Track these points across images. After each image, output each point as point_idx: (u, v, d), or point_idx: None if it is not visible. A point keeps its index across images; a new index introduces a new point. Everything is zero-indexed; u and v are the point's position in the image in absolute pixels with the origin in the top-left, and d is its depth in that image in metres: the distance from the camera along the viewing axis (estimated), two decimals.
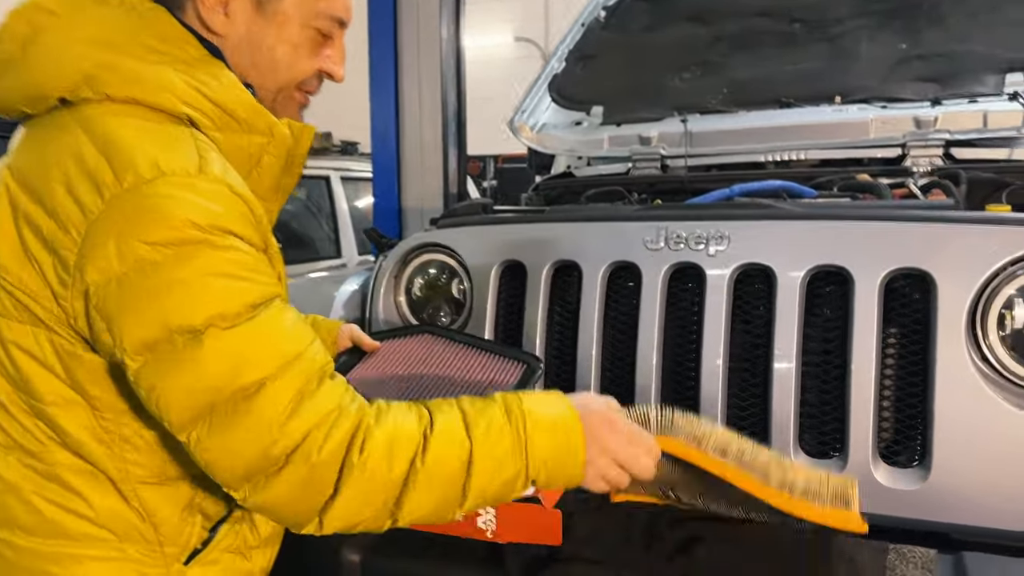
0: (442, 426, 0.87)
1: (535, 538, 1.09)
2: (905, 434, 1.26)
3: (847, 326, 1.28)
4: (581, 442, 0.91)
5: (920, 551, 1.10)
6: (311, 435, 0.82)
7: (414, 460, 0.84)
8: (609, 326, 1.44)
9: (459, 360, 1.34)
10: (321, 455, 0.81)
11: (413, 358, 1.35)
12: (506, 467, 0.88)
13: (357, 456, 0.82)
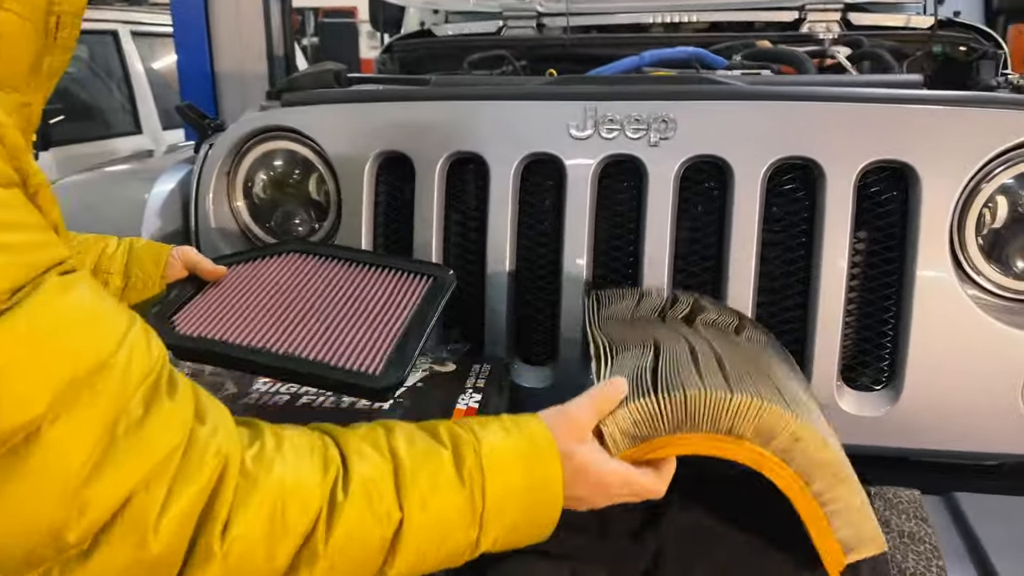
0: (361, 484, 0.56)
1: None
2: (872, 353, 1.09)
3: (812, 230, 1.07)
4: (558, 499, 0.65)
5: (905, 494, 0.95)
6: (132, 503, 0.49)
7: (310, 540, 0.54)
8: (524, 237, 1.14)
9: (341, 282, 1.00)
10: (157, 536, 0.49)
11: (275, 285, 0.99)
12: (450, 540, 0.61)
13: (217, 538, 0.51)
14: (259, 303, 0.96)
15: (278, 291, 0.98)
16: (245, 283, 1.00)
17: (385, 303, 0.97)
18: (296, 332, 0.91)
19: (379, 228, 1.19)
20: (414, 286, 1.01)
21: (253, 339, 0.89)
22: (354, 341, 0.90)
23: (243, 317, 0.93)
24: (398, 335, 0.91)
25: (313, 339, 0.90)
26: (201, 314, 0.94)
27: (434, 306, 0.97)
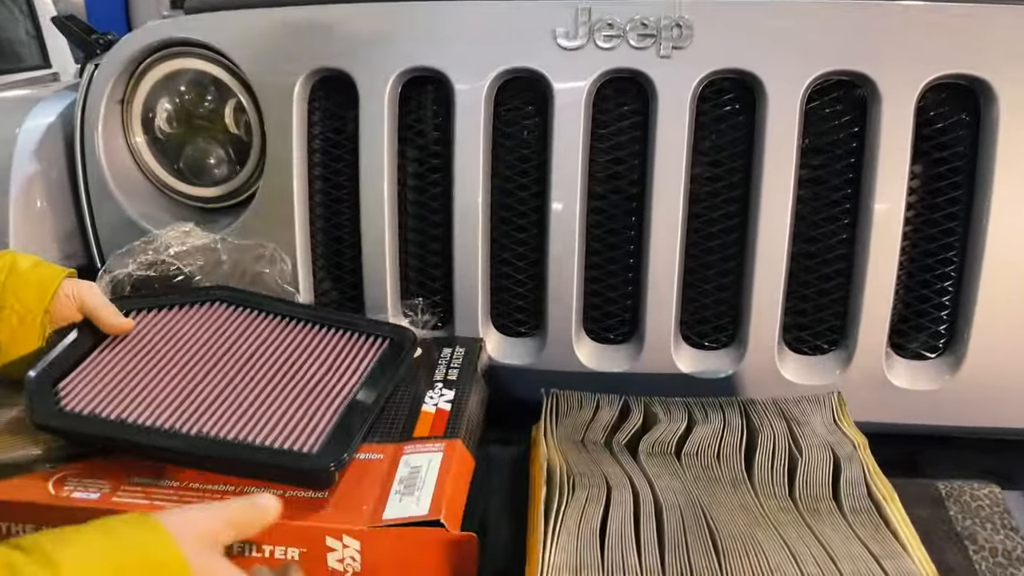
0: None
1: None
2: (928, 315, 0.89)
3: (862, 164, 0.86)
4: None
5: (983, 493, 0.77)
6: None
7: None
8: (500, 178, 0.91)
9: (277, 343, 0.80)
10: None
11: (193, 345, 0.78)
12: None
13: None
14: (172, 369, 0.74)
15: (197, 354, 0.77)
16: (156, 341, 0.78)
17: (329, 369, 0.77)
18: (217, 407, 0.70)
19: (315, 170, 0.94)
20: (365, 349, 0.81)
21: (162, 418, 0.68)
22: (287, 415, 0.70)
23: (150, 389, 0.71)
24: (342, 407, 0.71)
25: (237, 415, 0.69)
26: (97, 382, 0.72)
27: (389, 374, 0.77)
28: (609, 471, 0.67)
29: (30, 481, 0.65)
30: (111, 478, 0.65)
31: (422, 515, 0.61)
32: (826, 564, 0.59)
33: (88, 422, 0.66)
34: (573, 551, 0.59)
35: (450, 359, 0.84)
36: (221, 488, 0.65)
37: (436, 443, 0.70)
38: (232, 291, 0.85)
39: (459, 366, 0.82)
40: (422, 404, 0.76)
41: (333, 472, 0.63)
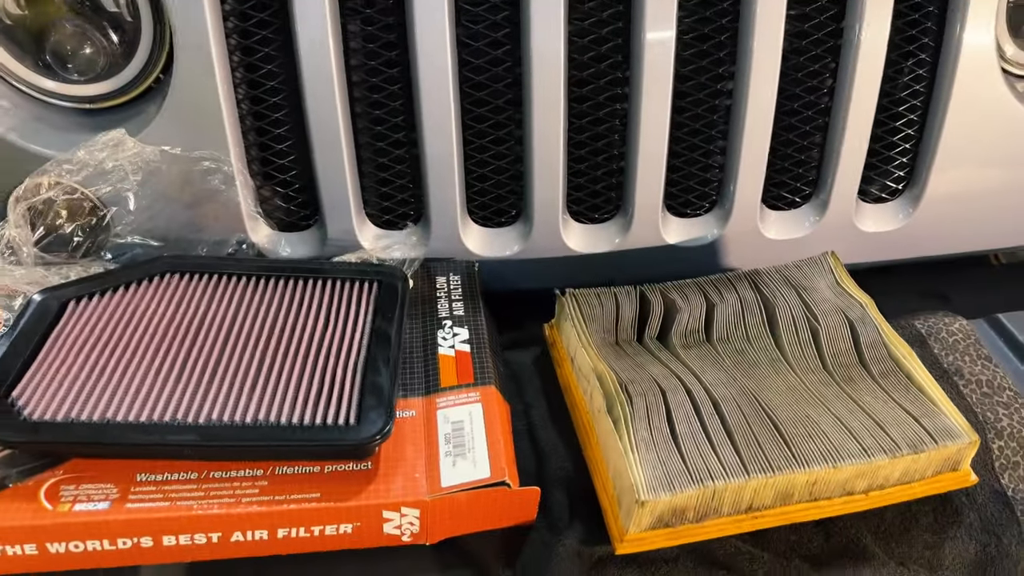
0: None
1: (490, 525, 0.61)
2: (889, 157, 0.90)
3: None
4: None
5: (955, 327, 0.82)
6: None
7: None
8: (467, 49, 0.78)
9: (254, 309, 0.69)
10: None
11: (158, 325, 0.66)
12: None
13: None
14: (147, 357, 0.63)
15: (169, 335, 0.65)
16: (113, 329, 0.65)
17: (327, 327, 0.67)
18: (221, 391, 0.60)
19: (237, 54, 0.77)
20: (356, 297, 0.71)
21: (158, 411, 0.58)
22: (304, 387, 0.61)
23: (129, 382, 0.60)
24: (359, 366, 0.63)
25: (247, 396, 0.60)
26: (60, 385, 0.59)
27: (392, 320, 0.68)
28: (655, 372, 0.66)
29: (16, 500, 0.55)
30: (113, 480, 0.57)
31: (484, 479, 0.58)
32: (878, 434, 0.62)
33: (70, 430, 0.56)
34: (658, 463, 0.58)
35: (449, 291, 0.77)
36: (249, 474, 0.58)
37: (469, 392, 0.65)
38: (177, 259, 0.72)
39: (461, 298, 0.75)
40: (437, 348, 0.70)
41: (380, 442, 0.57)
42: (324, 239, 0.83)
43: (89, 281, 0.69)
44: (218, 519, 0.55)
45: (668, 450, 0.59)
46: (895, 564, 0.61)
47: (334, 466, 0.59)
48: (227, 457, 0.58)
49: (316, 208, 0.83)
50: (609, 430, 0.60)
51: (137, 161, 0.75)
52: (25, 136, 0.77)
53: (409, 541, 0.59)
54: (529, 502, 0.60)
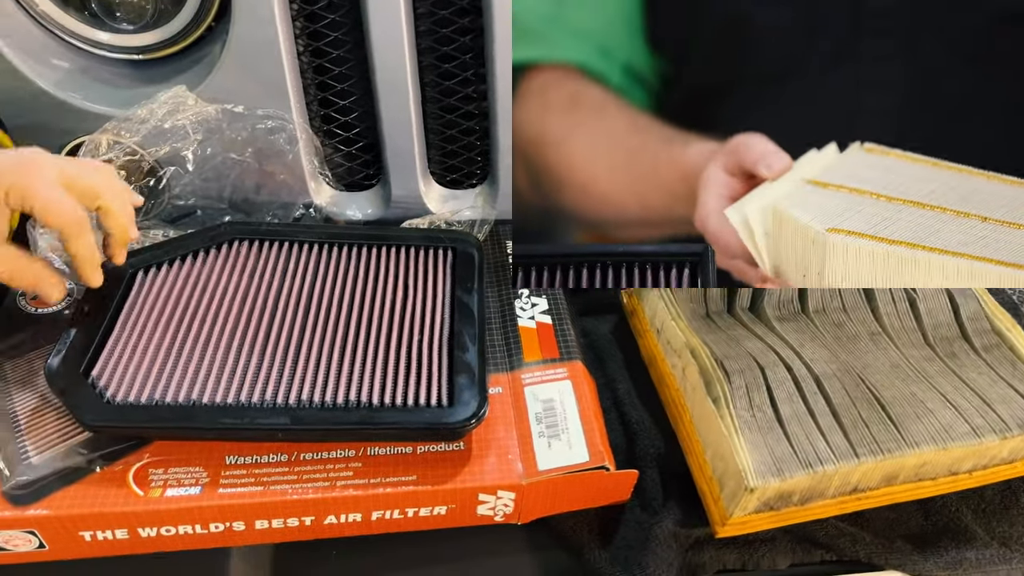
0: None
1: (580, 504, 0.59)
2: None
3: None
4: None
5: None
6: None
7: None
8: None
9: (330, 279, 0.66)
10: None
11: (230, 297, 0.63)
12: None
13: None
14: (223, 334, 0.60)
15: (245, 310, 0.62)
16: (185, 303, 0.62)
17: (406, 299, 0.64)
18: (305, 369, 0.58)
19: (296, 4, 0.72)
20: (432, 266, 0.68)
21: (244, 392, 0.56)
22: (391, 364, 0.58)
23: (210, 360, 0.58)
24: (444, 341, 0.61)
25: (334, 375, 0.57)
26: (138, 364, 0.57)
27: (472, 290, 0.65)
28: (751, 347, 0.63)
29: (106, 485, 0.54)
30: (202, 463, 0.55)
31: (583, 463, 0.56)
32: (986, 412, 0.59)
33: (157, 413, 0.54)
34: (764, 446, 0.56)
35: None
36: (342, 455, 0.56)
37: (556, 368, 0.63)
38: (244, 225, 0.69)
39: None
40: (516, 319, 0.67)
41: (476, 425, 0.55)
42: (388, 199, 0.79)
43: (155, 250, 0.66)
44: (313, 503, 0.54)
45: (774, 433, 0.57)
46: (997, 544, 0.59)
47: (426, 447, 0.57)
48: (320, 439, 0.56)
49: (380, 167, 0.79)
50: (708, 410, 0.58)
51: (197, 120, 0.71)
52: (79, 93, 0.73)
53: (501, 521, 0.58)
54: (625, 484, 0.58)
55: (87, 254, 0.56)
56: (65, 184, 0.54)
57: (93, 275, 0.57)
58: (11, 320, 0.65)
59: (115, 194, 0.57)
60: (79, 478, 0.54)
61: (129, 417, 0.54)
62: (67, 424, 0.56)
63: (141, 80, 0.75)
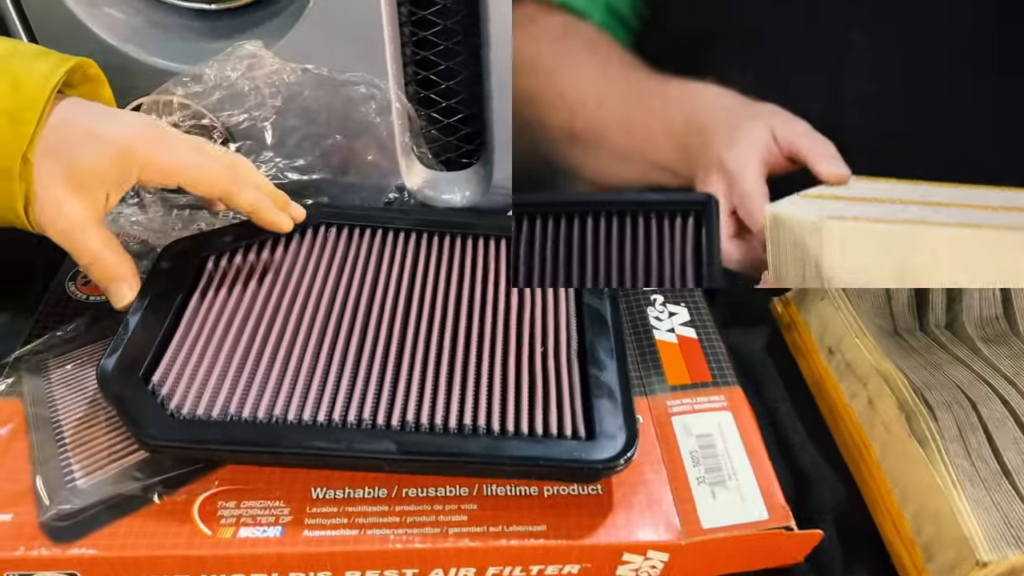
0: None
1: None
2: None
3: None
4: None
5: None
6: None
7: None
8: None
9: (439, 282, 0.55)
10: None
11: (319, 292, 0.53)
12: None
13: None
14: (309, 338, 0.49)
15: (331, 306, 0.52)
16: (265, 296, 0.52)
17: (523, 303, 0.53)
18: (409, 386, 0.47)
19: None
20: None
21: (337, 410, 0.45)
22: (512, 384, 0.47)
23: (294, 370, 0.47)
24: (574, 357, 0.50)
25: (444, 395, 0.46)
26: (207, 370, 0.47)
27: (603, 294, 0.54)
28: (955, 375, 0.51)
29: (167, 520, 0.43)
30: (283, 496, 0.45)
31: (761, 522, 0.44)
32: None
33: (233, 432, 0.43)
34: (991, 505, 0.44)
35: None
36: (454, 493, 0.45)
37: (711, 395, 0.51)
38: (332, 208, 0.59)
39: None
40: (653, 331, 0.56)
41: (624, 467, 0.44)
42: (488, 182, 0.68)
43: (227, 233, 0.55)
44: (420, 555, 0.43)
45: (1002, 489, 0.45)
46: None
47: (555, 488, 0.46)
48: (433, 471, 0.45)
49: (481, 144, 0.68)
50: (912, 453, 0.46)
51: (276, 82, 0.61)
52: (144, 47, 0.63)
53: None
54: (803, 546, 0.46)
55: (257, 201, 0.50)
56: (197, 151, 0.49)
57: (279, 217, 0.52)
58: (58, 307, 0.55)
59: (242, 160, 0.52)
60: (133, 509, 0.44)
61: (198, 435, 0.43)
62: (121, 440, 0.46)
63: (212, 34, 0.64)
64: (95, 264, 0.47)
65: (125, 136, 0.46)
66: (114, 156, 0.45)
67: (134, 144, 0.46)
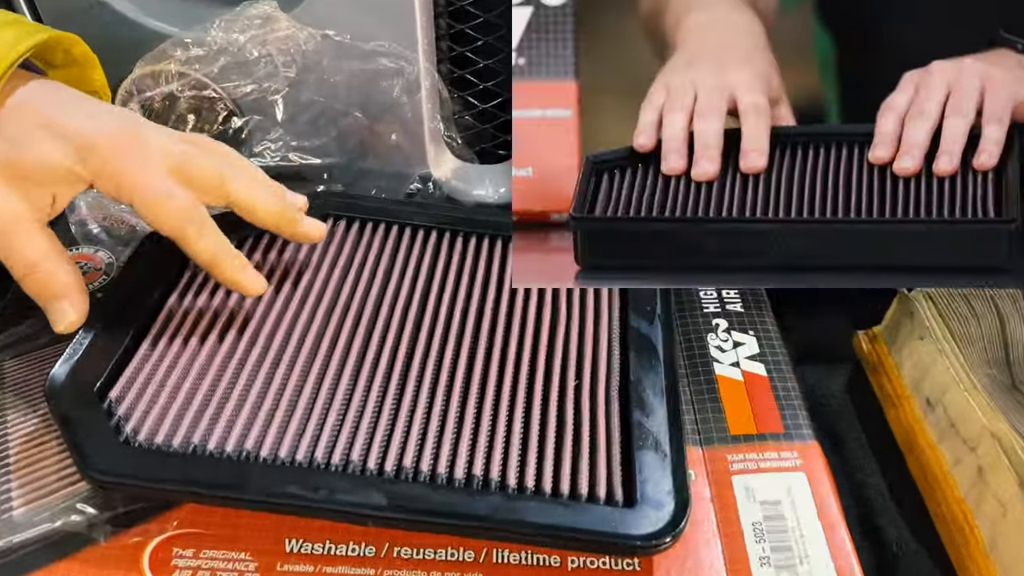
0: None
1: None
2: None
3: None
4: None
5: None
6: None
7: None
8: None
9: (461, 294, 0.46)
10: None
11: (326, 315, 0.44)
12: None
13: None
14: (296, 348, 0.42)
15: (329, 315, 0.44)
16: (257, 298, 0.44)
17: (555, 322, 0.44)
18: (414, 422, 0.39)
19: None
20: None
21: (321, 448, 0.37)
22: (534, 427, 0.39)
23: (277, 395, 0.39)
24: (617, 395, 0.41)
25: (453, 435, 0.38)
26: (174, 389, 0.39)
27: (653, 314, 0.45)
28: None
29: (107, 566, 0.36)
30: (251, 547, 0.37)
31: None
32: None
33: (192, 468, 0.36)
34: None
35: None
36: (456, 557, 0.37)
37: (783, 450, 0.41)
38: (346, 199, 0.51)
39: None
40: (713, 364, 0.46)
41: (671, 544, 0.35)
42: None
43: (222, 221, 0.48)
44: None
45: None
46: None
47: (582, 559, 0.37)
48: (429, 530, 0.37)
49: None
50: None
51: (290, 49, 0.53)
52: (142, 7, 0.56)
53: None
54: None
55: (218, 253, 0.40)
56: (176, 171, 0.39)
57: (240, 276, 0.41)
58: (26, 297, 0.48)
59: (243, 171, 0.42)
60: (72, 551, 0.37)
61: (149, 471, 0.36)
62: (69, 463, 0.39)
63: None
64: (30, 276, 0.38)
65: (90, 133, 0.38)
66: (68, 153, 0.37)
67: (97, 145, 0.38)
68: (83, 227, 0.50)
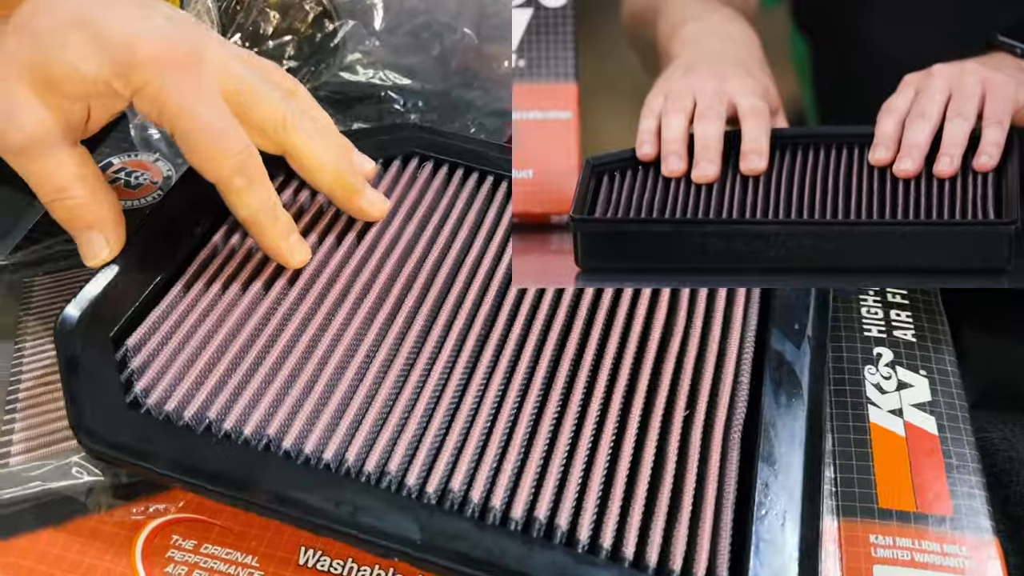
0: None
1: None
2: None
3: None
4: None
5: None
6: None
7: None
8: None
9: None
10: None
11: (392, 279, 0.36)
12: None
13: None
14: (343, 317, 0.34)
15: (392, 282, 0.36)
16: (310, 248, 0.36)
17: (668, 333, 0.35)
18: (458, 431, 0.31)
19: None
20: None
21: (356, 447, 0.30)
22: (621, 468, 0.30)
23: (308, 363, 0.33)
24: (736, 440, 0.31)
25: (501, 457, 0.30)
26: (199, 345, 0.33)
27: (803, 334, 0.35)
28: None
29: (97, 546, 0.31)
30: (259, 552, 0.31)
31: None
32: None
33: (198, 452, 0.30)
34: None
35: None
36: None
37: (947, 542, 0.31)
38: (433, 135, 0.42)
39: (907, 298, 0.40)
40: (868, 407, 0.36)
41: None
42: None
43: (273, 165, 0.40)
44: None
45: None
46: None
47: None
48: None
49: None
50: None
51: None
52: None
53: None
54: None
55: (261, 211, 0.34)
56: (233, 101, 0.33)
57: (280, 244, 0.34)
58: None
59: (310, 119, 0.36)
60: (61, 520, 0.31)
61: (151, 446, 0.30)
62: None
63: None
64: (58, 202, 0.33)
65: (132, 40, 0.31)
66: (104, 63, 0.31)
67: (141, 55, 0.31)
68: (143, 131, 0.44)
